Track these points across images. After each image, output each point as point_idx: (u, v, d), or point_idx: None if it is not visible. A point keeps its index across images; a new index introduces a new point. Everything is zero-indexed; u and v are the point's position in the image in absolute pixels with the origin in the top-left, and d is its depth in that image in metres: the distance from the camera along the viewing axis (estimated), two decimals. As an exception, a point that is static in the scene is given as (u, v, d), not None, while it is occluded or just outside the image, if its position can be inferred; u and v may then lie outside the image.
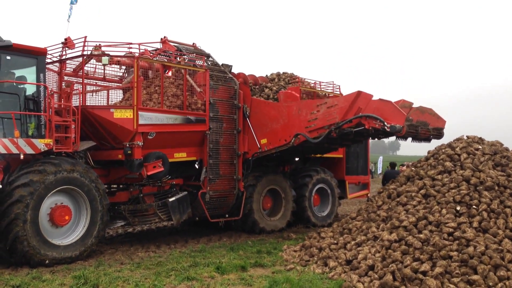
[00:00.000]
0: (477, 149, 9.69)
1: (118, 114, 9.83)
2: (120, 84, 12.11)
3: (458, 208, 8.22)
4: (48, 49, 9.95)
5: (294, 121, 11.51)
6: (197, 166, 11.58)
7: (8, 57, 8.88)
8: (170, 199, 10.61)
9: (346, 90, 16.77)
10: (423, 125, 10.45)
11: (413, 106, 10.65)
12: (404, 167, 12.69)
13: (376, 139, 12.89)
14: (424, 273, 7.05)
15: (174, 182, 11.21)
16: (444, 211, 8.21)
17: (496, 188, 8.55)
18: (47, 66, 10.04)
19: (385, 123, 9.92)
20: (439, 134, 10.91)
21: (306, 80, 14.22)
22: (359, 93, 10.64)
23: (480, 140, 10.24)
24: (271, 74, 14.85)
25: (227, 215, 12.20)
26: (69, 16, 11.38)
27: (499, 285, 6.66)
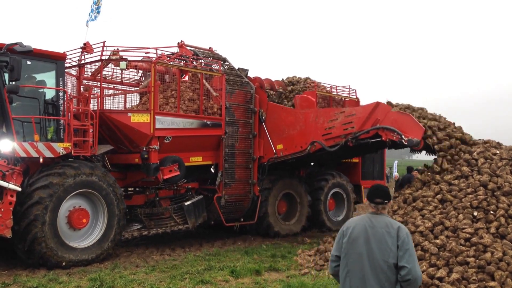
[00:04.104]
0: (495, 154, 9.57)
1: (135, 118, 9.94)
2: (137, 88, 12.24)
3: (475, 213, 8.12)
4: (67, 54, 10.14)
5: (311, 128, 11.49)
6: (212, 170, 11.64)
7: (29, 62, 9.05)
8: (186, 203, 10.69)
9: (362, 93, 16.73)
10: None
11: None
12: (416, 172, 12.60)
13: (393, 148, 12.81)
14: (441, 279, 6.98)
15: (190, 186, 11.29)
16: (461, 216, 8.13)
17: (514, 193, 8.43)
18: (66, 70, 10.20)
19: (403, 136, 9.82)
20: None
21: (322, 84, 14.22)
22: (377, 104, 10.59)
23: (498, 145, 10.11)
24: (287, 78, 14.89)
25: (242, 219, 12.23)
26: (88, 22, 11.56)
27: (517, 292, 6.57)
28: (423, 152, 10.94)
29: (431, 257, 7.47)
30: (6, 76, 8.59)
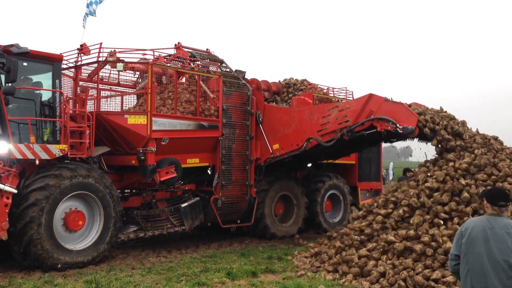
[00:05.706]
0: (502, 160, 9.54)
1: (132, 120, 9.94)
2: (134, 90, 12.24)
3: (471, 216, 8.15)
4: (64, 55, 10.13)
5: (306, 125, 11.50)
6: (209, 172, 11.64)
7: (25, 64, 9.03)
8: (183, 205, 10.68)
9: (360, 95, 16.72)
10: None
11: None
12: (411, 173, 12.60)
13: (388, 142, 12.82)
14: (436, 280, 7.02)
15: (186, 188, 11.29)
16: (456, 219, 8.15)
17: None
18: (63, 72, 10.19)
19: (397, 125, 9.87)
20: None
21: (319, 86, 14.24)
22: (370, 96, 10.63)
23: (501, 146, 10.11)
24: (284, 80, 14.90)
25: (239, 221, 12.23)
26: (84, 21, 11.55)
27: (512, 294, 6.59)
28: (422, 154, 10.95)
29: (426, 259, 7.50)
30: (2, 77, 8.57)
